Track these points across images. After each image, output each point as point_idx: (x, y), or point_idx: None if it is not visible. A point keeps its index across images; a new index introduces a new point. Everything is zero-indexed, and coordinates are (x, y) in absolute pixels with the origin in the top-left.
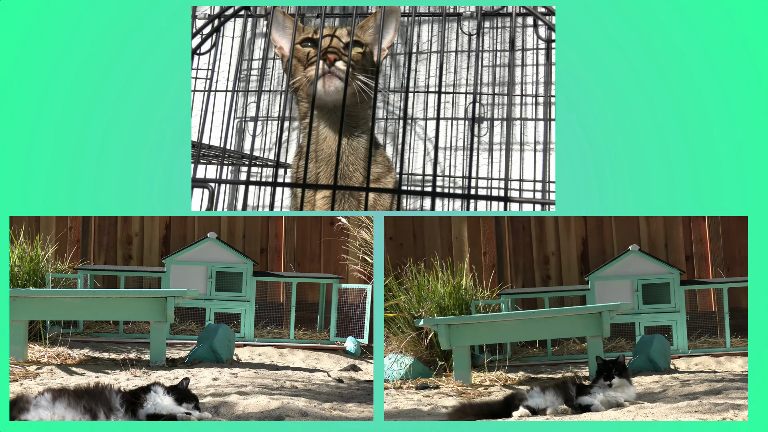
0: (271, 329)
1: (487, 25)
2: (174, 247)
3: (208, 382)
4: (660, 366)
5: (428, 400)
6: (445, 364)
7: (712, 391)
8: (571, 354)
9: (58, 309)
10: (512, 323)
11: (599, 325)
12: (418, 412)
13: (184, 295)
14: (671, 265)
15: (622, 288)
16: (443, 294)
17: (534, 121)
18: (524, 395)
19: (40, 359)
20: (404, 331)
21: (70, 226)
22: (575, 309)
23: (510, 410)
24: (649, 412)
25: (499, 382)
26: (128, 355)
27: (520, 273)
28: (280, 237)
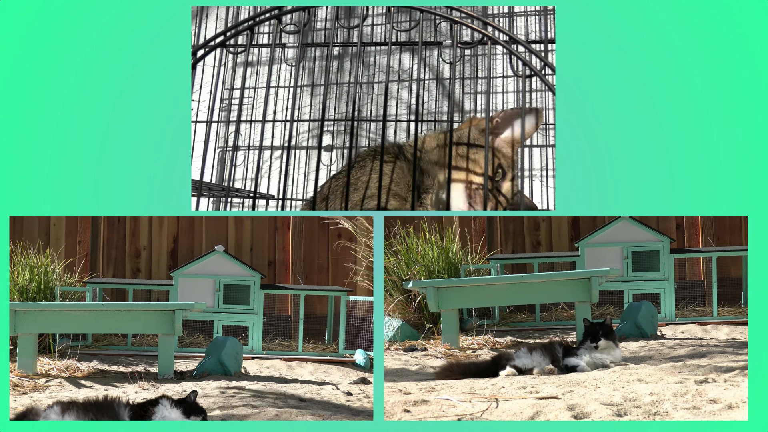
0: (280, 342)
1: (468, 53)
2: (182, 260)
3: (216, 395)
4: (647, 332)
5: (416, 361)
6: (433, 327)
7: (696, 354)
8: (559, 320)
9: (67, 322)
10: (501, 287)
11: (588, 291)
12: (406, 372)
13: (191, 308)
14: (661, 233)
15: (611, 255)
16: (432, 257)
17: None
18: (511, 355)
19: (49, 372)
20: (392, 294)
21: (79, 240)
22: (564, 274)
23: (497, 370)
24: (633, 372)
25: (486, 346)
26: (136, 368)
27: (510, 238)
28: (287, 250)
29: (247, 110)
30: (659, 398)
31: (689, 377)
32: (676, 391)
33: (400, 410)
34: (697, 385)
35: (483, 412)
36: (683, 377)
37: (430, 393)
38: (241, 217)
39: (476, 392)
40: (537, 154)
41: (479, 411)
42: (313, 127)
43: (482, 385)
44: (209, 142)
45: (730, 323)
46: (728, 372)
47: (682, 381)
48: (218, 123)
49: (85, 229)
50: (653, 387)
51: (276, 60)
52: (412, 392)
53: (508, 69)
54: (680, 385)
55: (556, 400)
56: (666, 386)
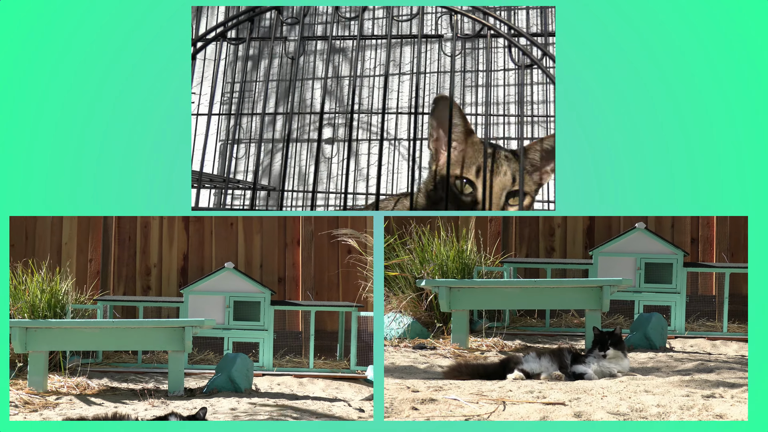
0: (290, 358)
1: (469, 45)
2: (192, 277)
3: (226, 412)
4: (656, 344)
5: (424, 360)
6: (443, 326)
7: (704, 369)
8: (568, 327)
9: (78, 339)
10: (513, 291)
11: (599, 299)
12: (415, 369)
13: (201, 324)
14: (676, 246)
15: (625, 265)
16: (446, 257)
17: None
18: (520, 359)
19: (59, 389)
20: (404, 291)
21: (90, 258)
22: (576, 281)
23: (505, 373)
24: (641, 383)
25: (495, 348)
26: (146, 385)
27: (525, 243)
28: (297, 266)
29: (247, 103)
30: (665, 410)
31: (696, 391)
32: (682, 404)
33: (408, 407)
34: (704, 399)
35: (490, 414)
36: (690, 391)
37: (437, 392)
38: (251, 233)
39: (484, 394)
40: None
41: (486, 413)
42: (315, 119)
43: (490, 387)
44: (209, 135)
45: (740, 340)
46: (735, 388)
47: (689, 395)
48: (219, 116)
49: (96, 247)
50: (660, 399)
51: (276, 53)
52: (420, 390)
53: (508, 62)
54: (687, 399)
55: (562, 407)
56: (673, 399)
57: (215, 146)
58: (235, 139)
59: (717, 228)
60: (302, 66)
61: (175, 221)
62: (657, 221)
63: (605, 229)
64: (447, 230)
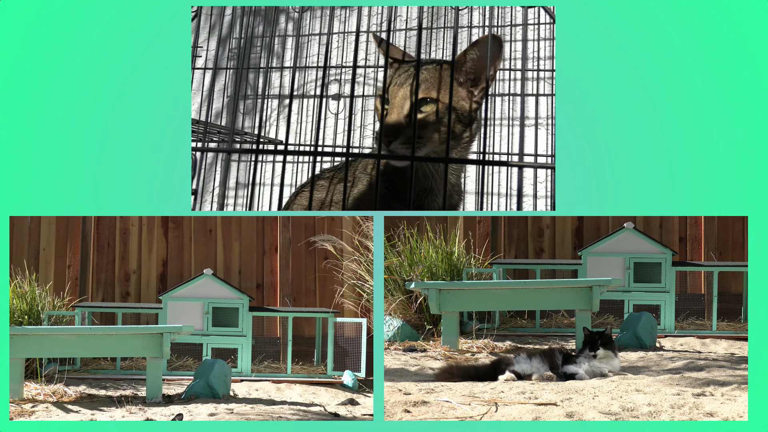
0: (269, 364)
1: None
2: (171, 283)
3: (204, 418)
4: (646, 343)
5: (415, 362)
6: (433, 328)
7: (695, 367)
8: (559, 327)
9: (56, 346)
10: (503, 292)
11: (589, 300)
12: (406, 372)
13: (180, 331)
14: (664, 245)
15: (614, 265)
16: (435, 259)
17: (534, 96)
18: (511, 360)
19: (35, 397)
20: (394, 293)
21: (68, 264)
22: (566, 282)
23: (496, 374)
24: (632, 382)
25: (486, 350)
26: (124, 392)
27: (514, 244)
28: (275, 272)
29: (253, 59)
30: (657, 409)
31: (687, 389)
32: (673, 402)
33: (401, 410)
34: (694, 397)
35: (482, 416)
36: (681, 389)
37: (429, 394)
38: (229, 240)
39: (475, 395)
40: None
41: (479, 414)
42: (321, 75)
43: (481, 389)
44: (214, 90)
45: (729, 338)
46: (725, 386)
47: (680, 393)
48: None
49: (75, 253)
50: (651, 398)
51: (282, 9)
52: (411, 393)
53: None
54: (678, 397)
55: (554, 407)
56: (664, 397)
57: (222, 101)
58: (241, 94)
59: (705, 227)
60: (308, 22)
61: (154, 227)
62: (645, 221)
63: (594, 229)
64: (435, 232)
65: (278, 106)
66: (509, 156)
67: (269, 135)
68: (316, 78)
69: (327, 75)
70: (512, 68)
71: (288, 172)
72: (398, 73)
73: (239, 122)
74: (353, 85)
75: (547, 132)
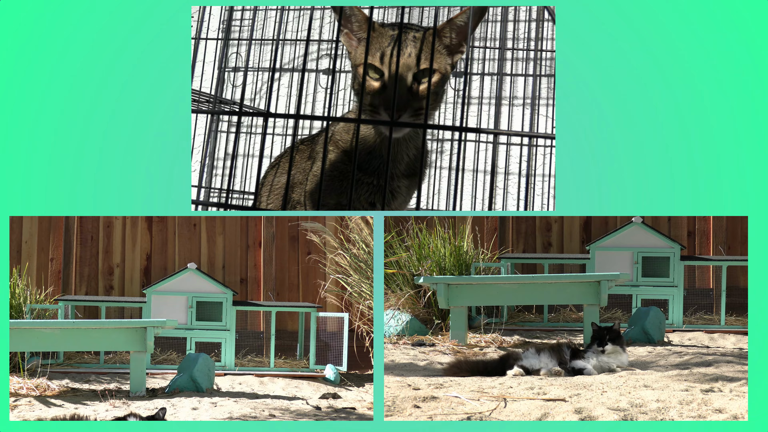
0: (252, 358)
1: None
2: (155, 277)
3: (187, 411)
4: (654, 338)
5: (424, 356)
6: (441, 323)
7: (703, 363)
8: (566, 322)
9: (38, 340)
10: (511, 286)
11: (597, 294)
12: (414, 367)
13: (163, 325)
14: (673, 240)
15: (622, 259)
16: (444, 254)
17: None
18: (519, 355)
19: (18, 391)
20: (403, 288)
21: (51, 257)
22: (574, 276)
23: (505, 369)
24: (640, 377)
25: (494, 344)
26: (108, 385)
27: (522, 238)
28: (259, 267)
29: (248, 31)
30: (665, 405)
31: (695, 385)
32: (682, 399)
33: (410, 405)
34: (702, 393)
35: (492, 411)
36: (689, 385)
37: (438, 389)
38: (213, 234)
39: (484, 391)
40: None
41: (488, 410)
42: (313, 50)
43: (490, 384)
44: (206, 62)
45: (738, 332)
46: (734, 382)
47: (688, 389)
48: (224, 41)
49: (58, 246)
50: (659, 394)
51: None
52: (421, 388)
53: None
54: (686, 393)
55: (563, 403)
56: (672, 393)
57: (219, 74)
58: (235, 66)
59: (713, 221)
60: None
61: (138, 221)
62: (653, 216)
63: (602, 223)
64: (444, 227)
65: (269, 80)
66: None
67: (258, 107)
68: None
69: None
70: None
71: (270, 144)
72: (384, 41)
73: (228, 94)
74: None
75: (546, 118)
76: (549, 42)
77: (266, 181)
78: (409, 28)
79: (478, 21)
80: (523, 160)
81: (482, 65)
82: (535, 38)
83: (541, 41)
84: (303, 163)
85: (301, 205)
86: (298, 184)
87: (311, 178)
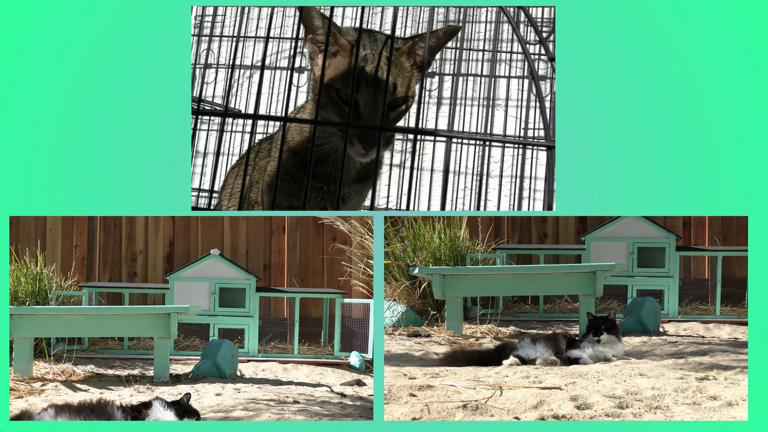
0: (275, 344)
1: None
2: (178, 264)
3: (211, 397)
4: (649, 328)
5: (419, 347)
6: (437, 314)
7: (698, 352)
8: (562, 312)
9: (63, 326)
10: (506, 277)
11: (592, 285)
12: (410, 357)
13: (187, 311)
14: (668, 230)
15: (617, 250)
16: (439, 244)
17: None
18: (515, 345)
19: (45, 376)
20: (398, 279)
21: (75, 244)
22: (570, 267)
23: (500, 359)
24: (635, 366)
25: (489, 335)
26: (132, 371)
27: (517, 229)
28: (283, 253)
29: (219, 28)
30: (660, 393)
31: (690, 374)
32: (677, 386)
33: (406, 394)
34: (697, 381)
35: (487, 399)
36: (684, 373)
37: (434, 378)
38: (236, 220)
39: (480, 380)
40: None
41: (484, 398)
42: (289, 47)
43: (486, 373)
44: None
45: (733, 323)
46: (728, 370)
47: (683, 377)
48: (200, 37)
49: (82, 233)
50: (654, 382)
51: None
52: (417, 377)
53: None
54: (681, 381)
55: (559, 391)
56: (667, 381)
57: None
58: (206, 63)
59: None
60: None
61: None
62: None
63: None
64: (439, 218)
65: (239, 78)
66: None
67: (234, 107)
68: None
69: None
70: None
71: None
72: (352, 59)
73: (204, 91)
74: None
75: (546, 117)
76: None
77: (227, 183)
78: (373, 39)
79: (448, 40)
80: (516, 163)
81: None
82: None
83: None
84: (262, 161)
85: (259, 204)
86: (256, 183)
87: (266, 178)
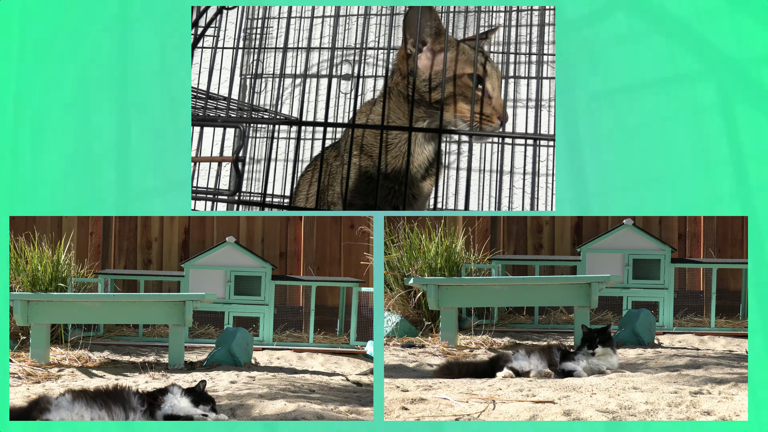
0: (291, 333)
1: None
2: (193, 251)
3: (225, 385)
4: (644, 340)
5: (413, 358)
6: (431, 324)
7: (693, 365)
8: (557, 323)
9: (79, 313)
10: (502, 288)
11: (588, 296)
12: (404, 368)
13: (202, 299)
14: (663, 242)
15: (613, 261)
16: (435, 254)
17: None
18: (509, 357)
19: (61, 362)
20: (393, 288)
21: (91, 231)
22: (565, 278)
23: (494, 371)
24: (629, 380)
25: (484, 346)
26: (147, 358)
27: (513, 240)
28: (299, 241)
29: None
30: (654, 407)
31: (684, 387)
32: (670, 401)
33: (398, 407)
34: (691, 396)
35: (480, 413)
36: (678, 387)
37: (427, 391)
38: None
39: (473, 393)
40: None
41: (476, 412)
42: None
43: (479, 386)
44: (222, 68)
45: (727, 335)
46: (723, 384)
47: (677, 391)
48: (243, 50)
49: (97, 220)
50: (648, 396)
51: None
52: (409, 390)
53: None
54: (675, 395)
55: (552, 405)
56: (661, 396)
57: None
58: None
59: (704, 224)
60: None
61: None
62: (645, 218)
63: (593, 225)
64: (435, 227)
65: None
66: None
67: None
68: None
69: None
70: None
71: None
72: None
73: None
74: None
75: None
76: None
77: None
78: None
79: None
80: (528, 160)
81: None
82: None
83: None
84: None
85: (335, 205)
86: (329, 186)
87: (341, 181)
